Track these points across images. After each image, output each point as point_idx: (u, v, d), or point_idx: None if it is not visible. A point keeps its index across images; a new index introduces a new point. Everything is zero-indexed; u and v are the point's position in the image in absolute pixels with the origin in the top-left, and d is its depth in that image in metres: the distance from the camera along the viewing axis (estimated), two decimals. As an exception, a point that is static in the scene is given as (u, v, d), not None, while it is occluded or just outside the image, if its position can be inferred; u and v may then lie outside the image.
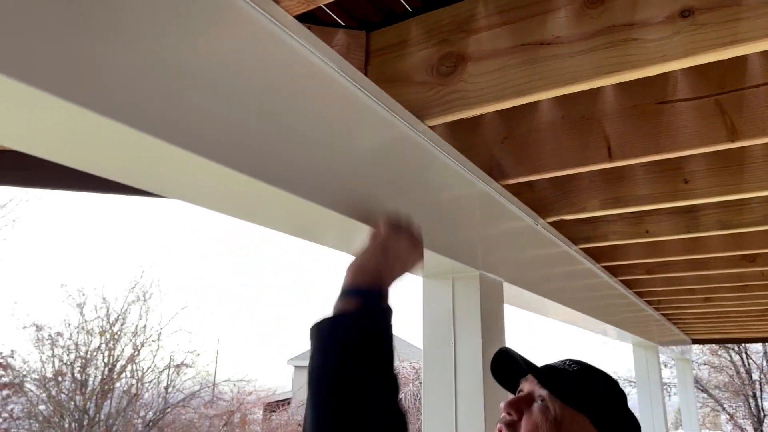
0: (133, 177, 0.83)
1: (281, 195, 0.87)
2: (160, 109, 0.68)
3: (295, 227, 1.09)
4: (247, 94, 0.83)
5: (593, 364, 1.07)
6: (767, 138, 1.40)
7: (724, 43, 1.03)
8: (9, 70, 0.53)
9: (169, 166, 0.77)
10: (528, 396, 1.02)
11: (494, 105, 1.25)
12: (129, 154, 0.73)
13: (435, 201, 1.36)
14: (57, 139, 0.68)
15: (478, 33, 1.28)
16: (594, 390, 1.01)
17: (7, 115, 0.62)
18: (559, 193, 2.09)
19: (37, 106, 0.58)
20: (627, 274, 3.31)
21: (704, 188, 1.88)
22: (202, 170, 0.78)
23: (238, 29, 0.83)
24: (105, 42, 0.63)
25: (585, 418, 0.96)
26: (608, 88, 1.59)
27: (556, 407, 0.97)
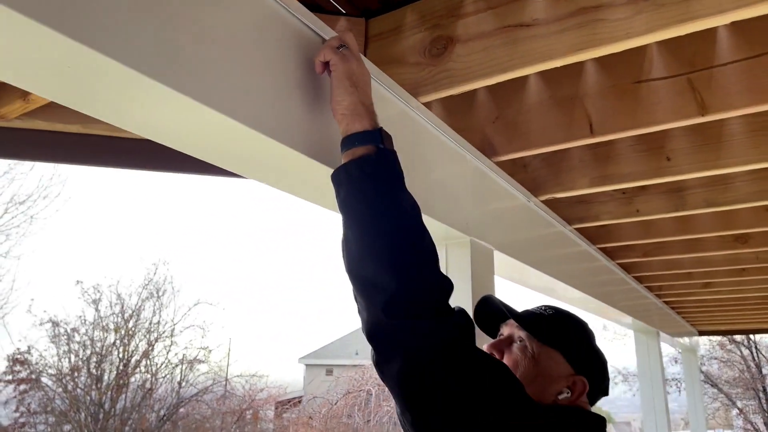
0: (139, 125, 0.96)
1: (300, 157, 1.02)
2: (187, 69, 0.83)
3: (308, 189, 1.24)
4: (258, 71, 0.97)
5: (564, 308, 1.21)
6: (733, 112, 1.53)
7: (681, 20, 1.16)
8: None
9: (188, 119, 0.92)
10: (509, 338, 1.15)
11: (480, 82, 1.38)
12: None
13: (428, 171, 1.49)
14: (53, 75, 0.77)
15: (466, 17, 1.42)
16: (566, 330, 1.14)
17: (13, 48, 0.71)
18: (551, 173, 2.22)
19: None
20: (624, 257, 3.42)
21: (686, 164, 2.00)
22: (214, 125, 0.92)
23: (250, 11, 0.98)
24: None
25: (558, 354, 1.10)
26: (590, 70, 1.72)
27: (533, 346, 1.11)
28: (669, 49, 1.61)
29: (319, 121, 1.09)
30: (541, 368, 1.08)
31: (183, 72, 0.81)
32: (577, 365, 1.09)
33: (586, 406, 1.10)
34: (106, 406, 11.89)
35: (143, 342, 12.66)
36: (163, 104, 0.84)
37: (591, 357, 1.14)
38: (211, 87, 0.86)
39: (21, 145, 1.73)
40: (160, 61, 0.78)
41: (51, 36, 0.67)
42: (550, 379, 1.08)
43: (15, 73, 0.77)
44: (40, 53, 0.71)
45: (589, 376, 1.09)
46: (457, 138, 1.64)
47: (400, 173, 1.02)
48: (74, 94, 0.82)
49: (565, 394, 1.07)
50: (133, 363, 12.39)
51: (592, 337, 1.17)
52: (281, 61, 1.03)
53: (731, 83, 1.52)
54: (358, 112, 1.01)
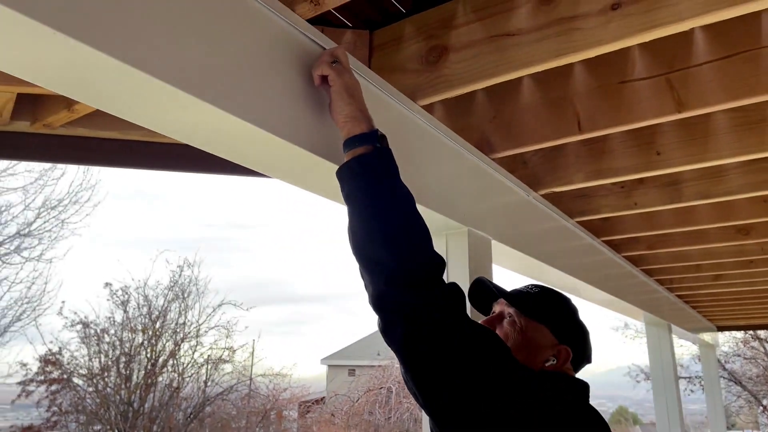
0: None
1: (309, 156, 1.20)
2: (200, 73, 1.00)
3: (318, 184, 1.41)
4: (270, 82, 1.15)
5: (549, 286, 1.35)
6: (709, 108, 1.66)
7: (646, 28, 1.31)
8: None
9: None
10: (499, 314, 1.29)
11: (471, 86, 1.55)
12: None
13: (427, 167, 1.66)
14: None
15: (458, 28, 1.58)
16: (550, 305, 1.28)
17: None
18: (549, 168, 2.36)
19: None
20: (629, 250, 3.53)
21: (675, 158, 2.13)
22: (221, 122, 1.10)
23: (262, 32, 1.15)
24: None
25: (544, 327, 1.23)
26: (579, 73, 1.87)
27: (521, 320, 1.24)
28: (650, 51, 1.75)
29: (324, 124, 1.26)
30: (528, 339, 1.21)
31: (216, 87, 0.99)
32: (560, 336, 1.22)
33: (571, 372, 1.23)
34: (135, 405, 12.23)
35: (170, 342, 12.99)
36: (199, 114, 1.02)
37: (574, 329, 1.26)
38: (237, 98, 1.04)
39: (65, 150, 1.93)
40: (200, 80, 0.96)
41: (122, 69, 0.85)
42: (536, 348, 1.20)
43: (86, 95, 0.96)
44: (115, 82, 0.89)
45: (572, 345, 1.22)
46: (454, 137, 1.80)
47: (394, 167, 1.19)
48: (133, 109, 1.02)
49: (551, 361, 1.20)
50: (161, 363, 12.71)
51: (575, 312, 1.30)
52: (292, 74, 1.20)
53: (706, 81, 1.66)
54: (357, 118, 1.19)
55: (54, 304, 14.03)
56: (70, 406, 12.67)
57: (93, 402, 12.50)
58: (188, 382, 12.95)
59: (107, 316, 12.79)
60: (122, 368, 12.59)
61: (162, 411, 12.45)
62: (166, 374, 12.72)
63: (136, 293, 12.98)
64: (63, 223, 11.49)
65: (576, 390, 1.16)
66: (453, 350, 1.02)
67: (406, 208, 1.16)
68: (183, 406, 12.77)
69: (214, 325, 13.44)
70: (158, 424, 12.38)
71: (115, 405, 12.25)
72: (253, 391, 14.56)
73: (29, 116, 1.79)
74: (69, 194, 11.99)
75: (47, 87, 0.95)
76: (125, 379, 12.53)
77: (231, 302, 13.46)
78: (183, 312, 13.27)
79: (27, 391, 12.38)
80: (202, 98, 0.97)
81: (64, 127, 1.84)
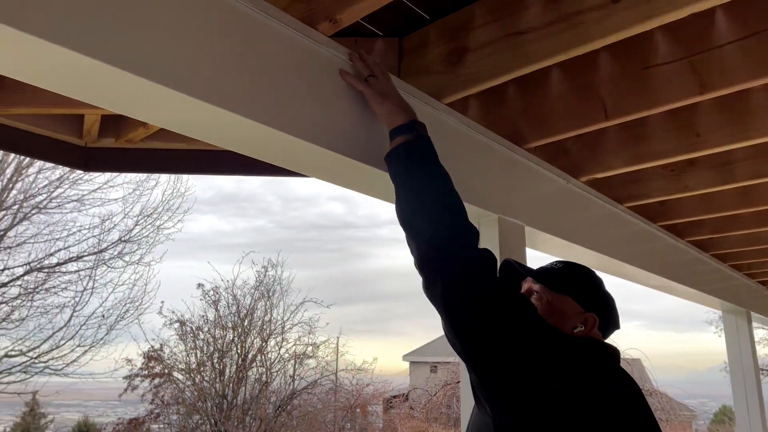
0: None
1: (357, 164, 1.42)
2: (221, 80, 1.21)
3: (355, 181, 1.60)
4: (306, 97, 1.34)
5: (573, 262, 1.44)
6: (730, 88, 1.68)
7: (643, 19, 1.39)
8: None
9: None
10: (527, 290, 1.39)
11: (488, 83, 1.67)
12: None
13: (456, 161, 1.79)
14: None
15: (476, 30, 1.71)
16: (574, 278, 1.37)
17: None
18: (589, 155, 2.41)
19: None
20: (692, 235, 3.46)
21: (716, 139, 2.13)
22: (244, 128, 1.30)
23: (290, 51, 1.34)
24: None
25: (569, 298, 1.31)
26: (604, 61, 1.93)
27: (547, 295, 1.33)
28: (672, 35, 1.79)
29: (361, 130, 1.45)
30: (556, 310, 1.29)
31: (262, 105, 1.20)
32: (586, 305, 1.30)
33: (600, 337, 1.31)
34: (228, 398, 13.00)
35: (257, 339, 13.68)
36: (246, 131, 1.25)
37: (598, 298, 1.34)
38: (280, 113, 1.25)
39: (145, 160, 2.24)
40: (252, 104, 1.19)
41: (180, 98, 1.07)
42: (564, 317, 1.28)
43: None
44: (168, 110, 1.12)
45: (598, 312, 1.29)
46: (482, 130, 1.93)
47: (431, 151, 1.39)
48: (196, 128, 1.28)
49: (579, 327, 1.27)
50: (250, 358, 13.42)
51: (599, 282, 1.38)
52: (324, 88, 1.40)
53: (729, 62, 1.68)
54: (393, 113, 1.42)
55: (153, 304, 15.18)
56: (171, 399, 13.64)
57: (191, 395, 13.40)
58: (275, 376, 13.59)
59: (201, 315, 13.66)
60: (216, 363, 13.40)
61: (253, 403, 13.14)
62: (255, 369, 13.41)
63: (226, 293, 13.77)
64: (158, 229, 12.46)
65: (605, 353, 1.24)
66: (487, 301, 1.17)
67: (441, 186, 1.35)
68: (272, 399, 13.42)
69: (298, 322, 14.02)
70: (250, 416, 13.09)
71: (211, 397, 13.07)
72: (336, 386, 15.04)
73: (113, 134, 2.10)
74: (162, 202, 13.00)
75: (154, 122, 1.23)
76: (219, 373, 13.33)
77: (312, 300, 13.99)
78: (269, 310, 13.94)
79: (133, 385, 13.47)
80: (252, 118, 1.21)
81: (142, 142, 2.13)
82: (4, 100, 1.73)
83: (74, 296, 11.41)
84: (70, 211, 11.51)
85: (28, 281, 10.97)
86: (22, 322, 10.76)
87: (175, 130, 1.34)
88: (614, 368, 1.21)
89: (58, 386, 12.64)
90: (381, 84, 1.46)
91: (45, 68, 1.02)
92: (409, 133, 1.38)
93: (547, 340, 1.15)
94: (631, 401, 1.16)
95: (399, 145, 1.38)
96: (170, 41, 1.09)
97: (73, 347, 11.39)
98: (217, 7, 1.19)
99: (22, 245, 11.01)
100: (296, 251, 42.96)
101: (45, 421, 18.16)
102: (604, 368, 1.19)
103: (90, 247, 11.69)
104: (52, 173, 10.73)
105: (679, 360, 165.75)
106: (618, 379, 1.19)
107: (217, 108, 1.14)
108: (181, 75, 1.09)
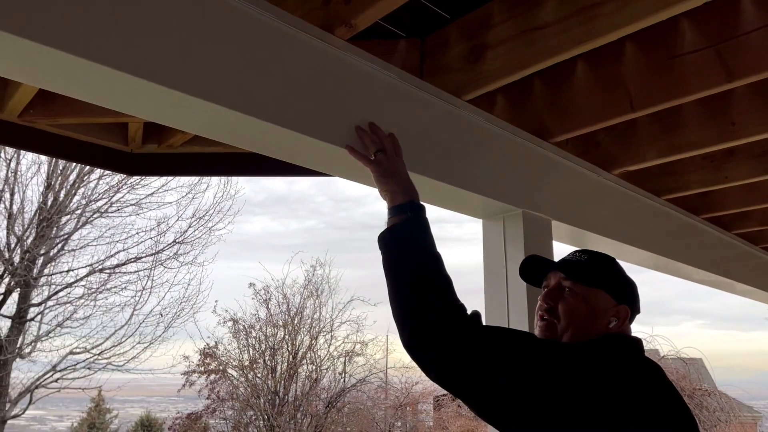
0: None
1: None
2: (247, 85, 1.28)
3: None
4: (325, 96, 1.41)
5: (594, 250, 1.40)
6: (757, 75, 1.65)
7: (655, 9, 1.38)
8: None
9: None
10: (556, 286, 1.31)
11: (506, 79, 1.70)
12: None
13: (478, 157, 1.82)
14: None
15: (494, 27, 1.73)
16: (602, 270, 1.33)
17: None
18: (622, 147, 2.38)
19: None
20: (740, 227, 3.34)
21: (752, 127, 2.07)
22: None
23: (309, 56, 1.41)
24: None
25: (601, 291, 1.27)
26: (630, 52, 1.91)
27: (580, 290, 1.27)
28: (698, 24, 1.76)
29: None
30: (592, 306, 1.26)
31: (282, 111, 1.28)
32: (618, 297, 1.27)
33: (629, 329, 1.29)
34: (280, 394, 13.31)
35: (307, 337, 13.94)
36: (272, 136, 1.33)
37: (626, 287, 1.31)
38: (310, 122, 1.33)
39: (186, 164, 2.36)
40: (280, 111, 1.27)
41: (222, 112, 1.16)
42: (601, 313, 1.25)
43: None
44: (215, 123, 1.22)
45: (628, 303, 1.28)
46: (505, 125, 1.95)
47: (421, 236, 1.35)
48: (227, 134, 1.39)
49: (614, 321, 1.25)
50: (300, 355, 13.69)
51: (623, 270, 1.36)
52: (339, 91, 1.46)
53: (755, 49, 1.65)
54: (393, 192, 1.39)
55: (207, 303, 15.69)
56: (226, 395, 14.07)
57: (245, 391, 13.79)
58: (325, 373, 13.81)
59: (252, 313, 14.04)
60: (268, 360, 13.74)
61: (304, 400, 13.40)
62: (306, 366, 13.67)
63: (276, 292, 14.10)
64: (210, 230, 12.88)
65: (634, 348, 1.24)
66: (482, 370, 1.14)
67: (423, 272, 1.31)
68: (322, 396, 13.65)
69: (346, 320, 14.19)
70: (301, 412, 13.36)
71: (264, 393, 13.42)
72: (385, 383, 15.14)
73: (155, 140, 2.23)
74: (213, 204, 13.42)
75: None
76: (271, 370, 13.66)
77: (359, 298, 14.14)
78: (317, 308, 14.18)
79: (190, 381, 13.98)
80: (276, 124, 1.31)
81: (182, 146, 2.26)
82: (55, 111, 1.88)
83: (134, 295, 11.95)
84: (129, 214, 12.05)
85: (91, 281, 11.57)
86: (86, 320, 11.36)
87: (209, 136, 1.44)
88: (642, 361, 1.20)
89: (120, 382, 13.27)
90: (389, 161, 1.43)
91: (91, 85, 1.14)
92: (403, 214, 1.35)
93: (569, 363, 1.13)
94: (663, 392, 1.16)
95: (390, 228, 1.35)
96: (198, 56, 1.18)
97: (133, 344, 11.92)
98: (241, 20, 1.28)
99: (86, 248, 11.62)
100: (347, 251, 43.58)
101: (110, 416, 19.08)
102: (634, 363, 1.19)
103: (147, 248, 12.21)
104: (111, 179, 11.27)
105: (745, 360, 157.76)
106: (648, 370, 1.18)
107: (245, 115, 1.24)
108: (210, 87, 1.18)
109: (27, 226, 10.86)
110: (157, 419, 18.07)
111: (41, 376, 10.99)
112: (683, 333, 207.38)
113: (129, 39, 1.08)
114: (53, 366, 11.05)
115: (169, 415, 16.00)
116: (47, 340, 11.03)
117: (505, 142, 1.95)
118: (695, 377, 10.95)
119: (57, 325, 11.09)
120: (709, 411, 9.98)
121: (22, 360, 10.86)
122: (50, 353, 11.03)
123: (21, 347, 10.74)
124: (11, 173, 10.73)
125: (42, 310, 11.08)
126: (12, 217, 10.65)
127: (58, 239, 11.34)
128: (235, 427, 13.62)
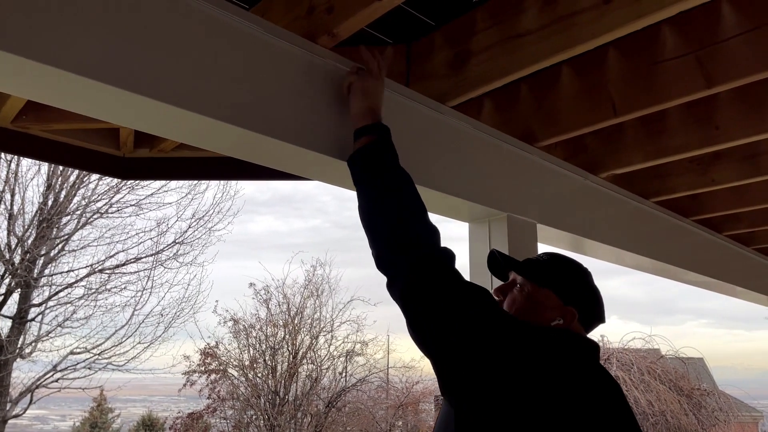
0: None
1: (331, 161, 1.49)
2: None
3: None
4: (311, 108, 1.44)
5: (561, 253, 1.44)
6: (736, 81, 1.67)
7: (633, 18, 1.41)
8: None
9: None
10: (511, 282, 1.37)
11: (489, 86, 1.72)
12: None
13: (462, 161, 1.85)
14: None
15: (477, 35, 1.76)
16: (557, 271, 1.36)
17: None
18: (608, 151, 2.41)
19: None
20: (731, 229, 3.37)
21: (736, 131, 2.10)
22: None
23: (293, 65, 1.44)
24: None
25: (550, 291, 1.30)
26: (613, 58, 1.94)
27: (528, 287, 1.32)
28: (679, 31, 1.79)
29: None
30: (535, 303, 1.30)
31: (267, 120, 1.31)
32: (566, 298, 1.29)
33: (581, 330, 1.31)
34: (281, 394, 13.34)
35: (307, 337, 13.98)
36: (257, 144, 1.36)
37: (579, 291, 1.33)
38: (290, 128, 1.36)
39: (178, 168, 2.40)
40: (265, 120, 1.30)
41: (207, 122, 1.19)
42: (543, 310, 1.28)
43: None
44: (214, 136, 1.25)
45: (579, 306, 1.29)
46: (490, 131, 1.97)
47: (390, 155, 1.42)
48: (212, 142, 1.42)
49: (558, 320, 1.26)
50: (300, 355, 13.73)
51: (584, 275, 1.36)
52: (319, 96, 1.49)
53: (735, 55, 1.67)
54: (364, 114, 1.45)
55: (207, 303, 15.72)
56: (227, 394, 14.11)
57: (246, 390, 13.82)
58: (325, 373, 13.84)
59: (252, 313, 14.07)
60: (268, 360, 13.78)
61: (304, 399, 13.44)
62: (306, 366, 13.70)
63: (276, 292, 14.13)
64: (210, 231, 12.92)
65: (581, 346, 1.24)
66: (446, 296, 1.20)
67: (398, 189, 1.39)
68: (322, 396, 13.68)
69: (346, 320, 14.23)
70: (302, 411, 13.39)
71: (264, 393, 13.45)
72: (386, 383, 15.17)
73: (147, 144, 2.26)
74: (213, 205, 13.47)
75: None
76: (271, 370, 13.69)
77: (359, 298, 14.18)
78: (318, 308, 14.21)
79: (191, 381, 14.02)
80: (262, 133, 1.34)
81: (173, 151, 2.29)
82: (47, 117, 1.91)
83: (134, 296, 12.00)
84: (129, 215, 12.11)
85: (92, 282, 11.62)
86: (86, 320, 11.41)
87: (196, 145, 1.47)
88: (591, 364, 1.21)
89: (120, 382, 13.32)
90: (370, 80, 1.49)
91: (77, 97, 1.18)
92: (371, 134, 1.42)
93: (512, 332, 1.16)
94: (605, 395, 1.17)
95: (359, 148, 1.41)
96: (186, 69, 1.21)
97: (133, 344, 11.97)
98: (226, 32, 1.31)
99: (86, 248, 11.66)
100: (350, 250, 43.68)
101: (112, 415, 19.14)
102: (579, 362, 1.19)
103: (147, 249, 12.25)
104: (111, 180, 11.33)
105: (749, 360, 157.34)
106: (592, 371, 1.19)
107: (230, 125, 1.27)
108: (197, 98, 1.22)
109: (27, 227, 10.92)
110: (159, 419, 18.12)
111: (42, 376, 11.04)
112: (686, 332, 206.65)
113: (114, 52, 1.11)
114: (54, 366, 11.10)
115: (171, 414, 16.04)
116: (48, 340, 11.10)
117: (491, 147, 1.98)
118: (694, 377, 10.96)
119: (57, 325, 11.15)
120: (708, 411, 10.00)
121: (22, 360, 10.91)
122: (51, 353, 11.09)
123: (21, 347, 10.79)
124: (11, 174, 10.79)
125: (42, 311, 11.14)
126: (12, 218, 10.70)
127: (58, 240, 11.39)
128: (235, 426, 13.66)
